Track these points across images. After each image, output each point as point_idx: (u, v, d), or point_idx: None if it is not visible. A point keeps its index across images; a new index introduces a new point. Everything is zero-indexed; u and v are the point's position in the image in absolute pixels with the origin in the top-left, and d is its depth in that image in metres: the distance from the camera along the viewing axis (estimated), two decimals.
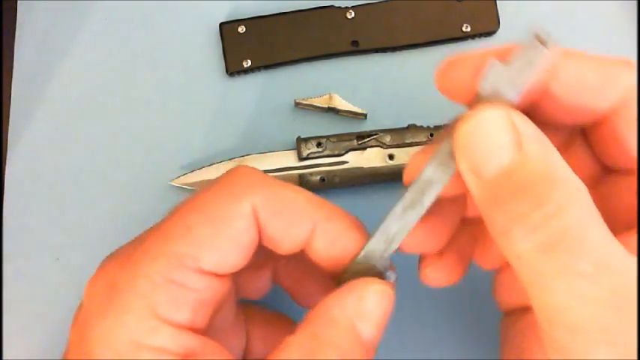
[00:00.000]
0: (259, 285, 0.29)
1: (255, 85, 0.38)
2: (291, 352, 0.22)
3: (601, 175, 0.24)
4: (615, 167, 0.23)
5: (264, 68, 0.38)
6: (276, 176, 0.35)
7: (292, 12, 0.38)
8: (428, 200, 0.23)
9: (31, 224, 0.37)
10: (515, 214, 0.19)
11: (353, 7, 0.38)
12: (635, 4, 0.39)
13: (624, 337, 0.18)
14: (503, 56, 0.21)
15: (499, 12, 0.38)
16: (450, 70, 0.23)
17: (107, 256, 0.25)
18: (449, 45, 0.39)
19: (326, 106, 0.37)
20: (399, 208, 0.23)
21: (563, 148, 0.24)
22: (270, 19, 0.38)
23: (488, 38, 0.39)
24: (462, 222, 0.26)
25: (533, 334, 0.24)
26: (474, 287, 0.31)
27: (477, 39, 0.39)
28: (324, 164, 0.35)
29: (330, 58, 0.38)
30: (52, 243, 0.37)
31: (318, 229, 0.24)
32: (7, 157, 0.38)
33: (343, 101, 0.37)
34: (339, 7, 0.38)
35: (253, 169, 0.25)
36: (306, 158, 0.35)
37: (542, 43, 0.21)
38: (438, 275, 0.26)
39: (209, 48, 0.39)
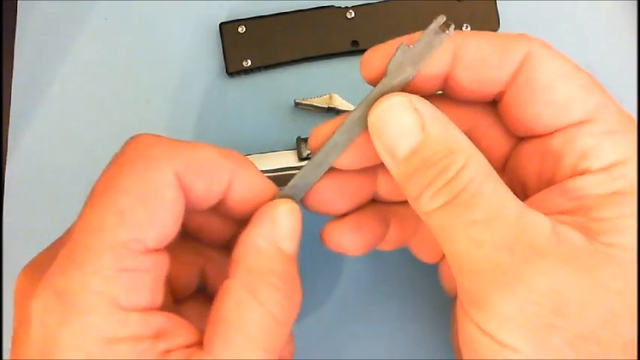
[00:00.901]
0: (186, 282, 0.28)
1: (255, 85, 0.38)
2: (236, 292, 0.23)
3: (514, 144, 0.27)
4: (522, 135, 0.25)
5: (264, 68, 0.38)
6: (276, 176, 0.35)
7: (292, 12, 0.38)
8: (332, 159, 0.26)
9: (31, 224, 0.37)
10: (424, 182, 0.22)
11: (353, 7, 0.38)
12: (635, 4, 0.39)
13: (515, 276, 0.20)
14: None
15: (499, 12, 0.38)
16: (370, 57, 0.25)
17: (23, 273, 0.24)
18: None
19: (326, 106, 0.37)
20: (307, 166, 0.26)
21: (480, 123, 0.27)
22: (270, 19, 0.38)
23: None
24: (372, 201, 0.29)
25: None
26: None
27: None
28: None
29: (330, 58, 0.39)
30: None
31: (234, 179, 0.25)
32: (8, 157, 0.38)
33: (343, 101, 0.37)
34: (339, 7, 0.38)
35: (153, 135, 0.24)
36: (306, 158, 0.35)
37: (442, 29, 0.24)
38: (335, 236, 0.28)
39: (209, 48, 0.39)
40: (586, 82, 0.24)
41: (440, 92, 0.26)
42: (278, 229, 0.25)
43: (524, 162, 0.25)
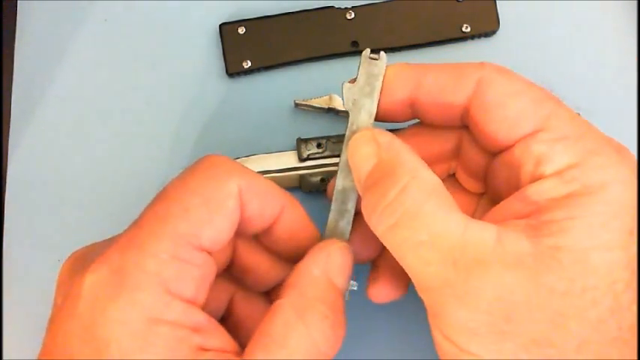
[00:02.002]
0: (216, 307, 0.29)
1: (256, 86, 0.38)
2: (286, 312, 0.24)
3: (490, 160, 0.28)
4: (491, 150, 0.27)
5: (264, 69, 0.38)
6: (276, 177, 0.35)
7: (292, 13, 0.38)
8: (351, 206, 0.28)
9: (32, 224, 0.37)
10: (372, 204, 0.24)
11: (353, 8, 0.38)
12: (635, 4, 0.39)
13: (462, 290, 0.22)
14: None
15: (499, 12, 0.38)
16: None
17: (73, 257, 0.26)
18: (449, 45, 0.39)
19: (326, 106, 0.37)
20: (331, 220, 0.28)
21: (462, 143, 0.29)
22: (270, 20, 0.38)
23: (488, 38, 0.39)
24: None
25: None
26: None
27: (476, 39, 0.39)
28: (325, 165, 0.35)
29: (330, 59, 0.39)
30: (52, 243, 0.37)
31: (285, 210, 0.27)
32: (8, 157, 0.38)
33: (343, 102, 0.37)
34: (339, 8, 0.38)
35: (225, 157, 0.27)
36: (307, 159, 0.35)
37: (375, 59, 0.27)
38: (376, 291, 0.29)
39: (209, 49, 0.39)
40: (536, 96, 0.25)
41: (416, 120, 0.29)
42: (333, 263, 0.26)
43: (497, 174, 0.27)
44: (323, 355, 0.24)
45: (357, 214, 0.27)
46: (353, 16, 0.38)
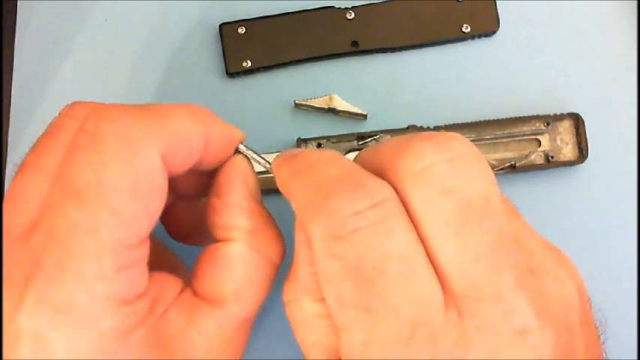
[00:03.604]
0: None
1: (256, 86, 0.38)
2: (245, 254, 0.25)
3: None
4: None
5: (264, 69, 0.38)
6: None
7: (292, 13, 0.38)
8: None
9: None
10: None
11: (353, 8, 0.38)
12: (635, 4, 0.39)
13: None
14: None
15: (499, 12, 0.38)
16: None
17: None
18: (449, 45, 0.39)
19: (326, 106, 0.37)
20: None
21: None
22: (270, 20, 0.38)
23: (488, 38, 0.39)
24: None
25: None
26: None
27: (476, 39, 0.39)
28: None
29: (330, 59, 0.38)
30: None
31: (209, 141, 0.25)
32: (8, 157, 0.38)
33: (343, 102, 0.37)
34: (339, 8, 0.38)
35: (123, 111, 0.22)
36: None
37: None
38: None
39: (209, 49, 0.39)
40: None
41: None
42: (250, 185, 0.26)
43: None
44: (278, 268, 0.26)
45: None
46: (353, 16, 0.38)
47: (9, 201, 0.22)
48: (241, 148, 0.27)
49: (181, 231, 0.31)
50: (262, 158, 0.27)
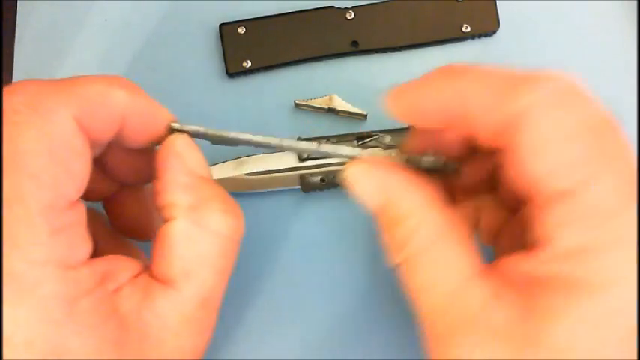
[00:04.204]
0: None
1: (255, 86, 0.38)
2: (187, 230, 0.24)
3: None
4: (505, 191, 0.26)
5: (264, 69, 0.38)
6: (276, 177, 0.35)
7: (292, 13, 0.38)
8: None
9: None
10: (385, 241, 0.24)
11: (353, 8, 0.38)
12: (635, 4, 0.39)
13: (444, 345, 0.22)
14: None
15: (499, 12, 0.38)
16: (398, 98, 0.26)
17: None
18: (449, 45, 0.39)
19: (326, 106, 0.37)
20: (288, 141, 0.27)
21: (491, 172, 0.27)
22: (270, 20, 0.38)
23: (488, 38, 0.39)
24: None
25: None
26: None
27: (476, 39, 0.39)
28: (324, 165, 0.35)
29: (330, 59, 0.38)
30: None
31: (128, 108, 0.25)
32: None
33: (343, 102, 0.37)
34: (339, 8, 0.38)
35: (34, 82, 0.23)
36: (307, 159, 0.35)
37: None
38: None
39: (209, 49, 0.39)
40: (587, 147, 0.21)
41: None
42: (189, 160, 0.26)
43: (518, 220, 0.26)
44: (237, 242, 0.25)
45: None
46: (353, 16, 0.38)
47: None
48: (176, 126, 0.27)
49: (129, 224, 0.30)
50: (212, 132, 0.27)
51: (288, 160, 0.36)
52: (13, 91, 0.22)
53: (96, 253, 0.24)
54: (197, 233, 0.24)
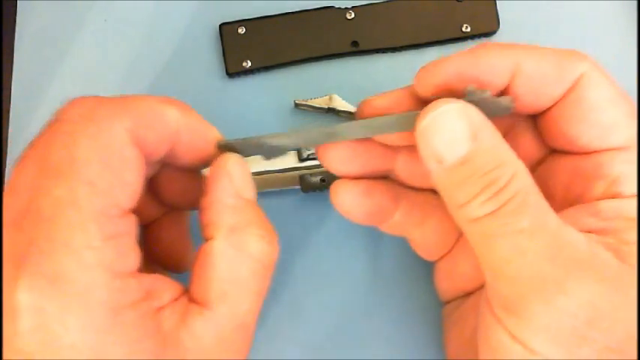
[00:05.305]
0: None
1: (255, 86, 0.38)
2: (226, 251, 0.24)
3: (544, 155, 0.27)
4: (558, 148, 0.26)
5: (264, 69, 0.38)
6: (276, 177, 0.35)
7: (292, 13, 0.38)
8: (347, 138, 0.27)
9: None
10: (473, 191, 0.23)
11: (353, 8, 0.38)
12: (635, 4, 0.39)
13: (556, 287, 0.21)
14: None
15: (499, 12, 0.38)
16: (426, 73, 0.27)
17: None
18: (449, 45, 0.39)
19: (326, 107, 0.37)
20: (314, 129, 0.27)
21: (510, 130, 0.28)
22: (270, 20, 0.38)
23: (488, 38, 0.39)
24: (383, 176, 0.29)
25: (473, 315, 0.27)
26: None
27: (476, 39, 0.39)
28: None
29: (330, 59, 0.38)
30: None
31: (180, 124, 0.26)
32: (8, 157, 0.38)
33: (343, 102, 0.37)
34: (339, 8, 0.38)
35: (91, 97, 0.24)
36: (307, 159, 0.35)
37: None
38: (343, 193, 0.28)
39: (209, 49, 0.39)
40: (631, 110, 0.24)
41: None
42: (237, 181, 0.26)
43: (554, 175, 0.26)
44: (271, 268, 0.25)
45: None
46: (353, 16, 0.38)
47: (7, 192, 0.23)
48: (222, 142, 0.27)
49: (166, 252, 0.30)
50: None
51: (288, 160, 0.36)
52: (72, 105, 0.24)
53: None
54: (234, 255, 0.25)
